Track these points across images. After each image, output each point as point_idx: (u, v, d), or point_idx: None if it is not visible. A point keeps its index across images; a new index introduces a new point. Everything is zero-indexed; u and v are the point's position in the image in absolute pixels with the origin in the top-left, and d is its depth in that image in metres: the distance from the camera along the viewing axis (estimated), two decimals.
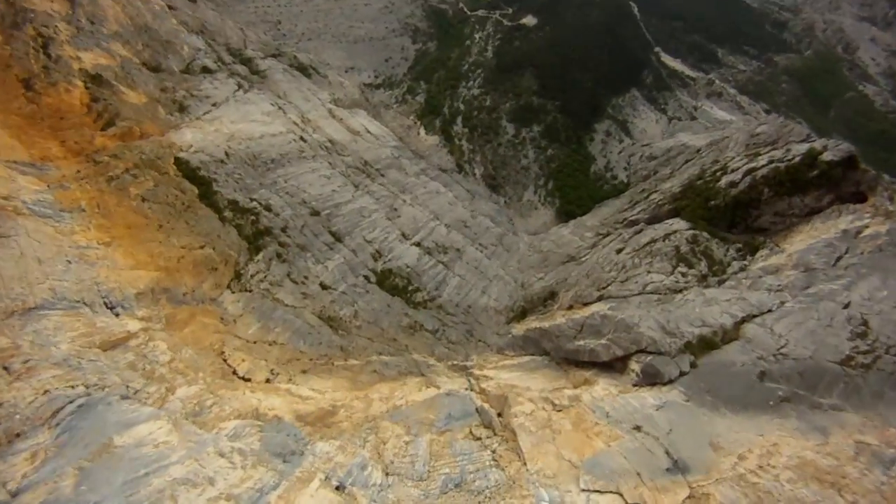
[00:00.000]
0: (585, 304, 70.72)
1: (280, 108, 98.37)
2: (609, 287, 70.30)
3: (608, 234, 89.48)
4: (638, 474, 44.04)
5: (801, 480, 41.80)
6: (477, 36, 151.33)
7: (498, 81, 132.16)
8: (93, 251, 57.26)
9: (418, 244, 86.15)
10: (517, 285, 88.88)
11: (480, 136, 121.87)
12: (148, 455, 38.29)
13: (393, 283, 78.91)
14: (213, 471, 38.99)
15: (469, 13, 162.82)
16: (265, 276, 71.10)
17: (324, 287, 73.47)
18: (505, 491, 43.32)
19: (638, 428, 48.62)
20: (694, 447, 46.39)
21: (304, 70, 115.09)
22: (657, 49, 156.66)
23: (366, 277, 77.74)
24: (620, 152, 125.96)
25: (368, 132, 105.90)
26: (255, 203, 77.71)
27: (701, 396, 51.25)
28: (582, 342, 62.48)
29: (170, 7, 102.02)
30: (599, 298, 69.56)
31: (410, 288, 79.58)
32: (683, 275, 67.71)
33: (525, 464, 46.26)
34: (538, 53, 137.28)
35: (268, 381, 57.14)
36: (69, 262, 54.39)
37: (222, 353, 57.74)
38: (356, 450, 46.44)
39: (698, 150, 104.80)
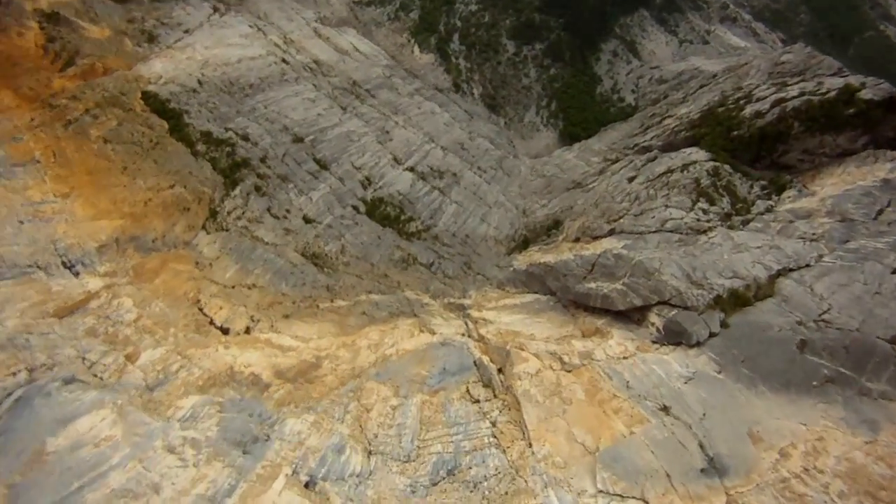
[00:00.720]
0: (595, 238, 61.41)
1: (260, 29, 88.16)
2: (621, 220, 60.84)
3: (617, 161, 79.50)
4: (668, 476, 35.03)
5: (853, 496, 32.38)
6: None
7: None
8: (48, 206, 51.23)
9: (412, 169, 76.24)
10: (518, 212, 79.41)
11: (479, 54, 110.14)
12: (84, 461, 31.43)
13: (384, 212, 69.52)
14: (159, 474, 31.98)
15: None
16: (243, 213, 62.92)
17: (307, 221, 64.35)
18: (508, 483, 34.54)
19: (666, 409, 39.58)
20: (732, 438, 37.09)
21: None
22: None
23: (354, 207, 68.33)
24: (628, 74, 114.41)
25: (357, 51, 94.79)
26: (230, 133, 68.82)
27: (736, 368, 41.85)
28: (593, 284, 53.37)
29: None
30: (611, 232, 60.23)
31: (403, 217, 70.20)
32: (705, 212, 58.06)
33: (530, 445, 37.85)
34: None
35: (247, 330, 51.17)
36: (21, 222, 48.49)
37: (198, 301, 51.89)
38: (333, 425, 38.16)
39: (714, 76, 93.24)
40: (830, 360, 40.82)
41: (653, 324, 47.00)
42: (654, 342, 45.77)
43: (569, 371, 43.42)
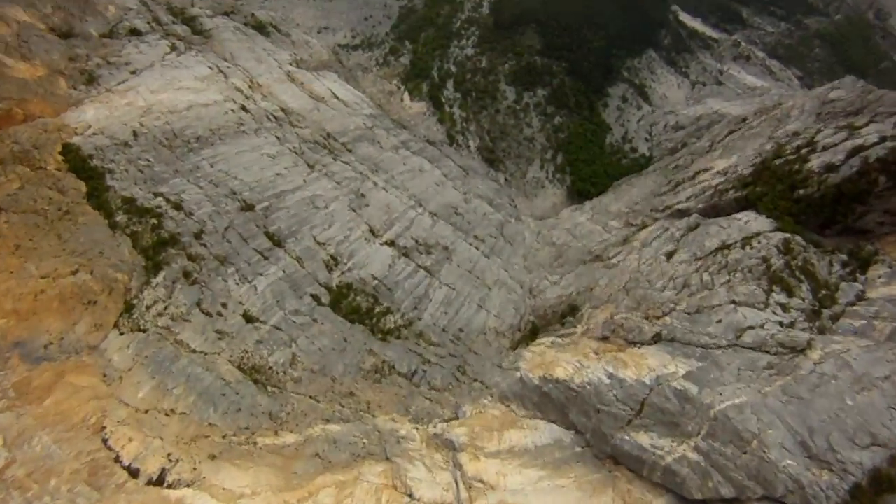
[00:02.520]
0: (632, 343, 42.99)
1: (221, 71, 71.58)
2: (668, 318, 42.73)
3: (644, 226, 61.45)
4: None
5: None
6: None
7: (495, 40, 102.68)
8: None
9: (392, 243, 57.80)
10: (524, 292, 61.24)
11: (475, 101, 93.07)
12: None
13: (353, 303, 51.12)
14: None
15: None
16: (166, 307, 45.96)
17: (249, 319, 46.42)
18: None
19: None
20: None
21: (261, 28, 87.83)
22: (674, 7, 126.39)
23: (314, 298, 50.04)
24: (640, 121, 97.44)
25: (336, 98, 77.49)
26: (160, 200, 51.94)
27: None
28: (645, 439, 34.60)
29: None
30: (656, 339, 41.76)
31: (378, 310, 51.71)
32: (784, 307, 40.19)
33: None
34: (541, 8, 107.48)
35: (162, 475, 36.11)
36: None
37: (102, 429, 37.14)
38: None
39: (743, 119, 75.96)
40: None
41: None
42: None
43: None
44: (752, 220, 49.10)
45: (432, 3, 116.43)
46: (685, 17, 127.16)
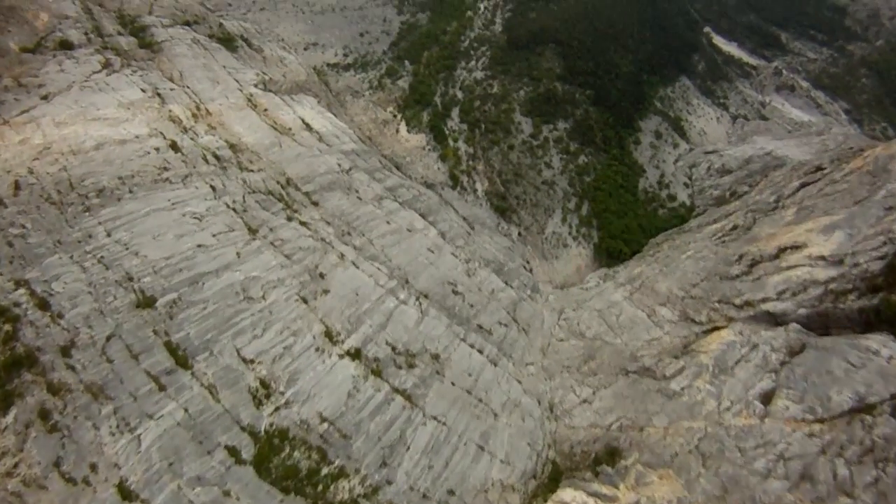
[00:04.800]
0: None
1: (158, 95, 54.12)
2: None
3: (713, 327, 42.18)
4: None
5: None
6: (482, 5, 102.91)
7: (509, 61, 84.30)
8: None
9: (356, 354, 38.57)
10: (542, 412, 42.67)
11: (485, 134, 74.59)
12: None
13: (288, 462, 32.12)
14: None
15: None
16: (16, 464, 27.86)
17: (126, 495, 27.03)
18: None
19: None
20: None
21: (228, 42, 70.89)
22: (707, 29, 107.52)
23: (231, 453, 31.34)
24: (677, 161, 78.77)
25: (308, 129, 59.39)
26: (22, 292, 33.65)
27: None
28: None
29: None
30: None
31: (327, 472, 32.83)
32: None
33: None
34: (562, 27, 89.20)
35: None
36: None
37: None
38: None
39: (819, 168, 58.82)
40: None
41: None
42: None
43: None
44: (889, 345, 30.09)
45: (438, 17, 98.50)
46: (719, 41, 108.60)
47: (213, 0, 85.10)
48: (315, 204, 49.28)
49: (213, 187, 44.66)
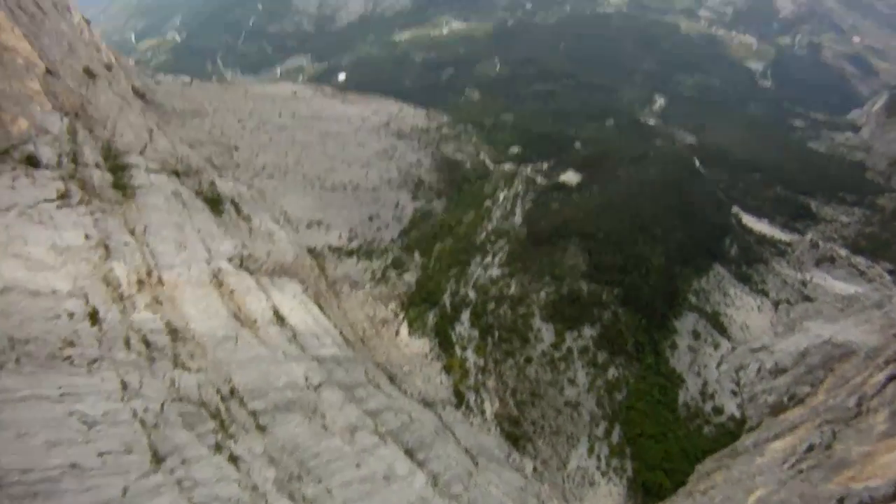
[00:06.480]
0: None
1: (104, 246, 42.94)
2: None
3: None
4: None
5: None
6: (501, 195, 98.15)
7: (529, 258, 77.78)
8: None
9: None
10: None
11: (498, 343, 66.73)
12: None
13: None
14: None
15: (492, 167, 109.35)
16: None
17: None
18: None
19: None
20: None
21: (215, 203, 62.16)
22: (735, 209, 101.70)
23: None
24: (720, 364, 69.83)
25: (280, 323, 50.46)
26: None
27: None
28: None
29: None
30: None
31: None
32: None
33: None
34: (585, 219, 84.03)
35: None
36: None
37: None
38: None
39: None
40: None
41: None
42: None
43: None
44: None
45: (454, 206, 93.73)
46: (749, 220, 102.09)
47: (221, 158, 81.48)
48: (261, 429, 38.44)
49: (124, 384, 32.96)
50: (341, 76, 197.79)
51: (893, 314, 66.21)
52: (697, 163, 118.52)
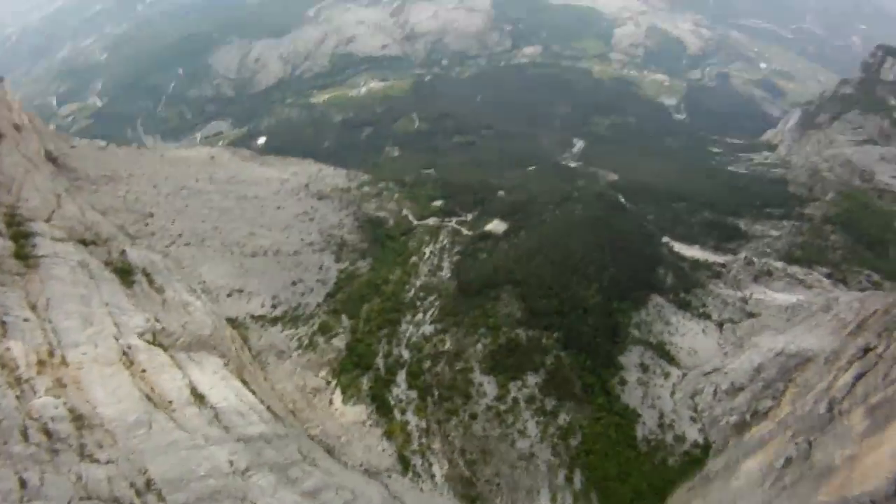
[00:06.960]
0: None
1: (2, 323, 38.49)
2: None
3: None
4: None
5: None
6: (427, 250, 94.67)
7: (461, 311, 74.12)
8: None
9: None
10: None
11: (439, 403, 62.60)
12: None
13: None
14: None
15: (416, 222, 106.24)
16: None
17: None
18: None
19: None
20: None
21: (125, 274, 56.63)
22: (665, 238, 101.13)
23: None
24: (673, 393, 67.50)
25: (199, 403, 44.11)
26: None
27: None
28: None
29: None
30: None
31: None
32: None
33: None
34: (516, 266, 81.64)
35: None
36: None
37: None
38: None
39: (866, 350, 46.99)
40: None
41: None
42: None
43: None
44: None
45: (379, 265, 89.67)
46: (680, 248, 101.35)
47: (136, 226, 77.02)
48: None
49: (22, 482, 27.16)
50: (261, 140, 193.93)
51: (842, 315, 65.51)
52: (622, 198, 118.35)
